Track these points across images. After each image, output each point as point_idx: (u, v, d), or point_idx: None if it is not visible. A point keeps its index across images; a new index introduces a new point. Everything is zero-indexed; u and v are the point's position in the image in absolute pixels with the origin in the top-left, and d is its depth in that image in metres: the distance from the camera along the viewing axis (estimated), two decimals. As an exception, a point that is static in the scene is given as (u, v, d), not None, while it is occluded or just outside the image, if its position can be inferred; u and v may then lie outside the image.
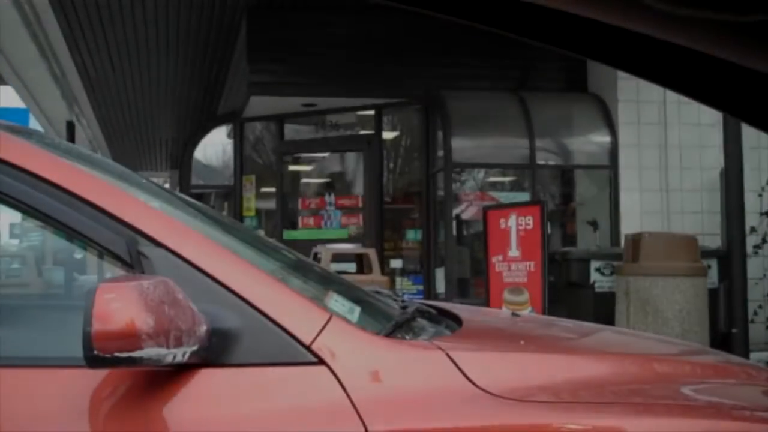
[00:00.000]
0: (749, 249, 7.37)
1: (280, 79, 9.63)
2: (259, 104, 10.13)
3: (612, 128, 9.16)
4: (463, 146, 9.12)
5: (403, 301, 2.41)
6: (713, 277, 7.44)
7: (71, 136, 13.65)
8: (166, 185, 14.04)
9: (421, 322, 2.12)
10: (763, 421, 1.81)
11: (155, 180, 2.57)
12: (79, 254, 2.37)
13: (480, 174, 9.93)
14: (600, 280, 7.66)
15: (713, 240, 8.50)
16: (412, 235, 10.42)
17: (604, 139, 9.24)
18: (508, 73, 9.66)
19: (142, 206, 1.79)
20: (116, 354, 1.46)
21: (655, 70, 0.80)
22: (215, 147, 12.93)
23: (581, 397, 1.73)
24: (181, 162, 12.50)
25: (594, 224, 8.89)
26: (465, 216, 9.64)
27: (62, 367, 1.62)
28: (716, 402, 1.90)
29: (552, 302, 7.37)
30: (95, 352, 1.45)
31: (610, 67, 0.86)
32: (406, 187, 10.92)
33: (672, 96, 8.86)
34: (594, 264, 7.72)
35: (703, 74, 0.76)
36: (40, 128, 13.79)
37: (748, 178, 7.22)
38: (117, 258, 1.67)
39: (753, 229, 7.79)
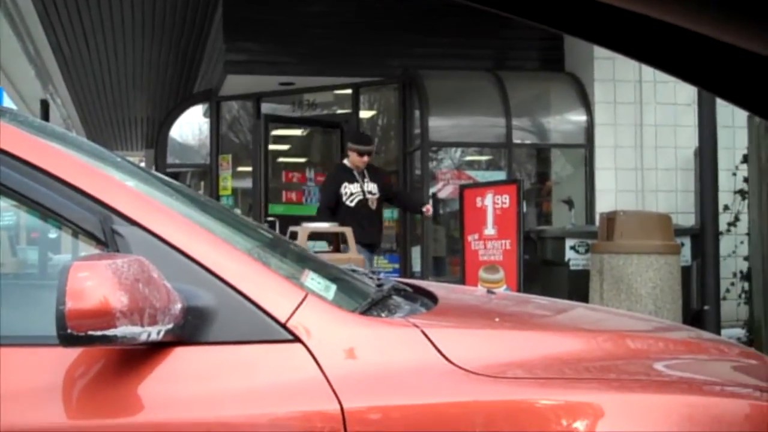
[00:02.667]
0: (722, 227, 7.43)
1: (257, 58, 9.58)
2: (236, 82, 10.07)
3: (588, 107, 9.19)
4: (439, 125, 9.12)
5: (378, 279, 2.42)
6: (686, 254, 7.51)
7: (45, 115, 13.53)
8: (142, 164, 13.95)
9: (397, 299, 2.13)
10: (734, 396, 1.83)
11: (131, 159, 2.55)
12: (53, 233, 2.35)
13: (457, 153, 9.94)
14: (575, 258, 7.70)
15: (687, 218, 8.57)
16: (389, 214, 10.42)
17: (580, 118, 9.27)
18: (485, 53, 9.66)
19: (117, 184, 1.79)
20: (90, 332, 1.45)
21: (632, 45, 0.80)
22: (191, 126, 12.86)
23: (555, 374, 1.75)
24: (156, 141, 12.41)
25: (569, 203, 8.93)
26: (441, 195, 9.65)
27: (36, 346, 1.61)
28: (689, 377, 1.92)
29: (527, 280, 7.41)
30: (69, 330, 1.44)
31: (587, 41, 0.86)
32: (383, 165, 10.90)
33: (648, 75, 8.89)
34: (569, 242, 7.76)
35: (679, 49, 0.77)
36: (13, 107, 13.64)
37: (722, 158, 7.28)
38: (91, 236, 1.66)
39: (726, 208, 7.85)
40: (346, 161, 7.47)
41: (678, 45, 0.76)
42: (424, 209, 7.71)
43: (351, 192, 7.29)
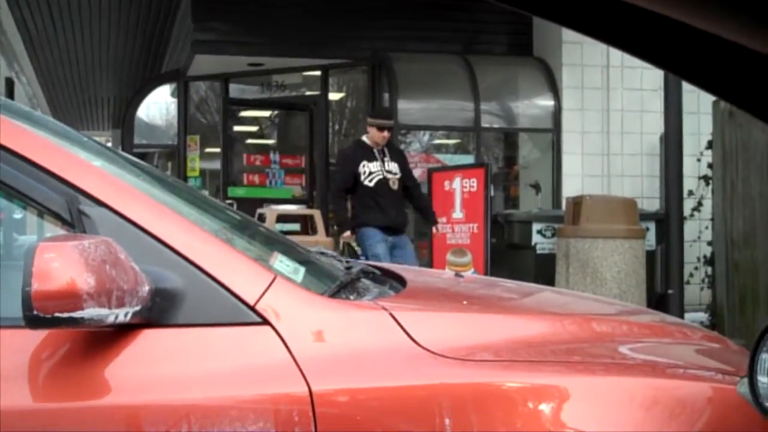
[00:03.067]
0: (687, 212, 7.52)
1: (225, 38, 9.50)
2: (204, 63, 9.99)
3: (556, 92, 9.22)
4: (409, 108, 9.11)
5: (347, 261, 2.42)
6: (651, 239, 7.60)
7: (10, 94, 13.31)
8: (109, 144, 13.81)
9: (365, 282, 2.13)
10: (698, 379, 1.86)
11: (97, 139, 2.52)
12: (19, 214, 2.32)
13: (425, 136, 9.95)
14: (541, 242, 7.76)
15: (652, 203, 8.65)
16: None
17: (548, 102, 9.31)
18: (455, 36, 9.65)
19: (84, 164, 1.76)
20: (56, 314, 1.44)
21: (600, 28, 0.81)
22: (159, 106, 12.76)
23: (521, 356, 1.76)
24: (123, 121, 12.29)
25: (536, 187, 8.98)
26: (410, 178, 9.65)
27: (1, 328, 1.59)
28: (653, 360, 1.95)
29: (494, 264, 7.46)
30: (35, 312, 1.43)
31: (555, 23, 0.87)
32: (352, 149, 10.88)
33: (615, 61, 8.94)
34: (536, 226, 7.82)
35: (646, 32, 0.77)
36: (-24, 85, 13.43)
37: (687, 143, 7.34)
38: (57, 217, 1.64)
39: (691, 193, 7.94)
40: (365, 138, 6.79)
41: (645, 28, 0.76)
42: (434, 229, 7.16)
43: (370, 171, 6.58)
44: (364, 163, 6.58)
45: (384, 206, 6.54)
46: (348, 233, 6.68)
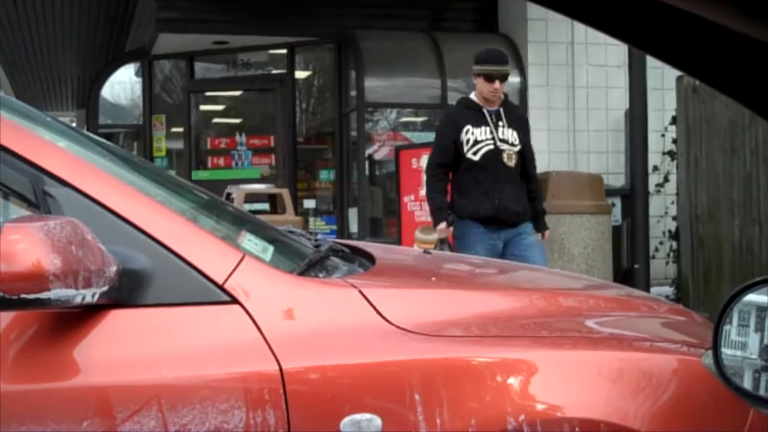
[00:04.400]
0: (652, 188, 7.59)
1: (190, 16, 9.40)
2: (168, 41, 9.89)
3: (521, 69, 9.25)
4: (375, 86, 9.10)
5: (316, 240, 2.42)
6: (617, 214, 7.67)
7: (-31, 74, 13.10)
8: (73, 125, 13.64)
9: (335, 260, 2.13)
10: (664, 351, 1.89)
11: (62, 119, 2.49)
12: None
13: (392, 114, 9.94)
14: (509, 219, 7.79)
15: (617, 179, 8.72)
16: (325, 175, 10.41)
17: (514, 79, 9.31)
18: (421, 13, 9.64)
19: (48, 145, 1.75)
20: (23, 296, 1.43)
21: (565, 1, 0.81)
22: (123, 86, 12.60)
23: (490, 331, 1.78)
24: (88, 101, 12.15)
25: (504, 164, 9.00)
26: (377, 156, 9.66)
27: (-33, 310, 1.58)
28: (619, 334, 1.97)
29: (463, 241, 7.47)
30: (1, 294, 1.42)
31: None
32: (319, 127, 10.86)
33: (580, 37, 8.98)
34: (504, 203, 7.84)
35: (611, 5, 0.77)
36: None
37: (651, 119, 7.41)
38: (22, 198, 1.63)
39: (655, 168, 8.01)
40: (472, 95, 5.00)
41: (610, 2, 0.77)
42: (538, 236, 4.96)
43: (476, 139, 4.79)
44: (469, 128, 4.81)
45: (491, 189, 4.76)
46: (443, 225, 4.82)
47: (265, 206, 8.80)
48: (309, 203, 10.34)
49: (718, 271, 6.37)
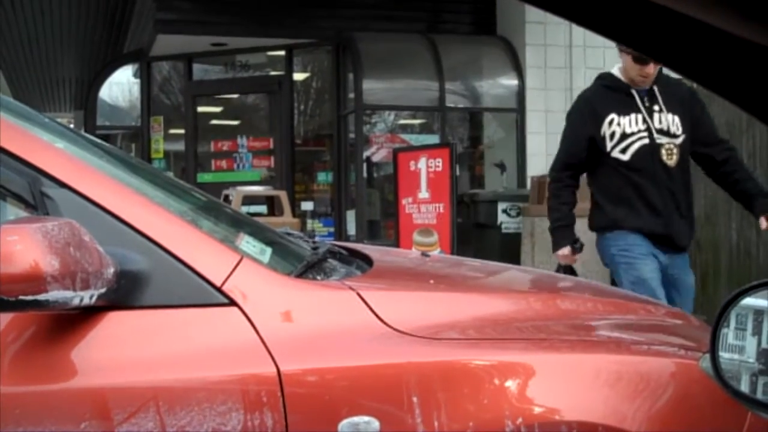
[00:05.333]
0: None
1: (188, 17, 9.40)
2: (167, 43, 9.88)
3: (519, 71, 9.25)
4: (373, 88, 9.10)
5: (314, 242, 2.42)
6: (616, 218, 7.66)
7: (-33, 75, 13.09)
8: (71, 126, 13.63)
9: (332, 262, 2.13)
10: (661, 355, 1.89)
11: (60, 120, 2.49)
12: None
13: (390, 116, 9.95)
14: (506, 221, 7.81)
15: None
16: (323, 178, 10.40)
17: (512, 82, 9.33)
18: (419, 16, 9.64)
19: (46, 146, 1.74)
20: (21, 297, 1.42)
21: (563, 4, 0.81)
22: (121, 87, 12.58)
23: (488, 334, 1.78)
24: (86, 102, 12.12)
25: (501, 166, 9.02)
26: (375, 158, 9.66)
27: (-35, 312, 1.58)
28: (616, 337, 1.97)
29: (460, 243, 7.49)
30: (-1, 295, 1.42)
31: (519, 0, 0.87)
32: (317, 129, 10.86)
33: (578, 40, 8.98)
34: (501, 205, 7.86)
35: (609, 9, 0.78)
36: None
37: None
38: (20, 199, 1.63)
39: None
40: (615, 70, 3.90)
41: (609, 4, 0.77)
42: (762, 219, 3.72)
43: (624, 132, 3.74)
44: (614, 117, 3.77)
45: (652, 197, 3.73)
46: (566, 251, 3.88)
47: (263, 208, 8.80)
48: (307, 205, 10.33)
49: (715, 275, 6.37)
